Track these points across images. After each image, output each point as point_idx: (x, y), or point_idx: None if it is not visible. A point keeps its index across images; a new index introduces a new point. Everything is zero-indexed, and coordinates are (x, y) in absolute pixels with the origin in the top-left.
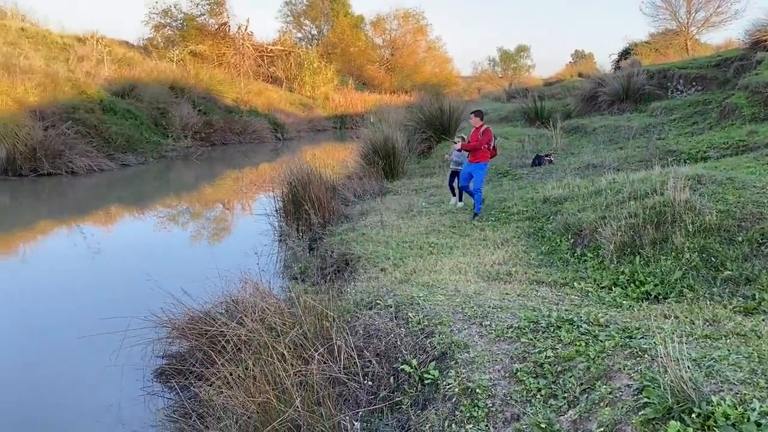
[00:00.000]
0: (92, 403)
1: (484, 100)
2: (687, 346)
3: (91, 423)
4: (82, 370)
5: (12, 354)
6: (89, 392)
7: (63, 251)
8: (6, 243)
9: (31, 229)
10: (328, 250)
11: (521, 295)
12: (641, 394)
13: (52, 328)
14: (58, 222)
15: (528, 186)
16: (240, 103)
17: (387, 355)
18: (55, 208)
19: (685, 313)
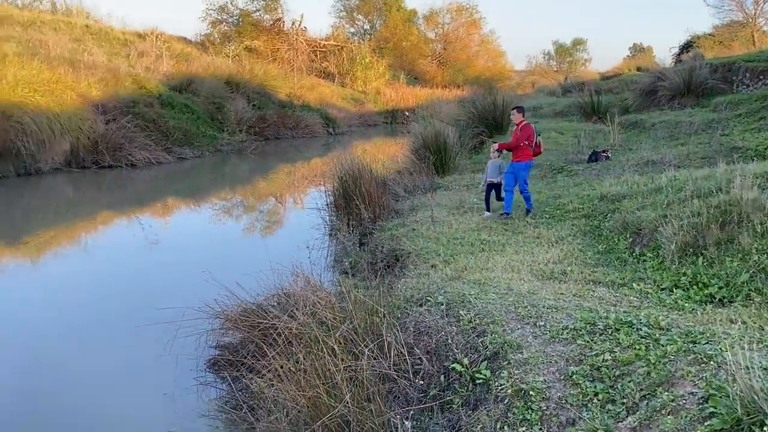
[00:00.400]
0: (147, 391)
1: (538, 95)
2: (757, 353)
3: (146, 411)
4: (138, 359)
5: (71, 342)
6: (145, 380)
7: (122, 242)
8: (69, 234)
9: (92, 220)
10: (378, 245)
11: (577, 296)
12: (707, 403)
13: (110, 317)
14: (118, 213)
15: (584, 182)
16: (293, 98)
17: (437, 353)
18: (116, 200)
19: (753, 318)
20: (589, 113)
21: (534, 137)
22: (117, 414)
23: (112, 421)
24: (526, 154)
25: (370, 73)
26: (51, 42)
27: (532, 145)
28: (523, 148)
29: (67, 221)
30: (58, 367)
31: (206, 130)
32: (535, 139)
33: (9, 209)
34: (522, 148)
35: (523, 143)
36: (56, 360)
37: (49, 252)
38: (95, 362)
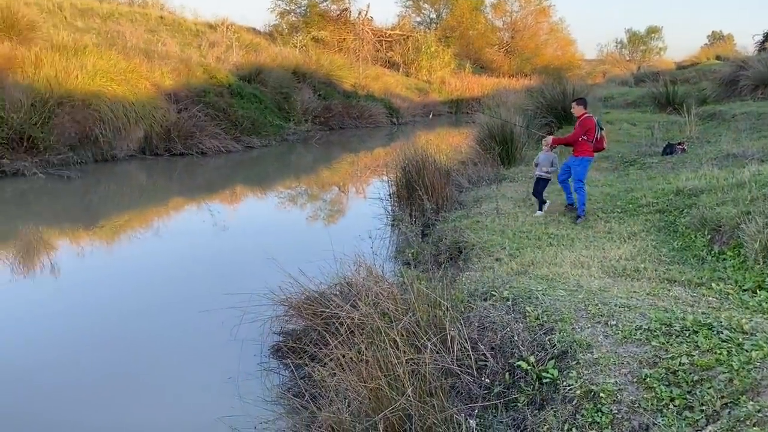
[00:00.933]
0: (212, 374)
1: (609, 84)
2: None
3: (211, 394)
4: (204, 342)
5: (138, 325)
6: (210, 364)
7: (192, 227)
8: (142, 219)
9: (164, 205)
10: (440, 237)
11: (651, 294)
12: None
13: (178, 300)
14: (188, 199)
15: (658, 176)
16: (357, 88)
17: (502, 349)
18: (186, 187)
19: None
20: (663, 104)
21: (596, 131)
22: (182, 395)
23: (176, 401)
24: (584, 149)
25: (435, 62)
26: (127, 33)
27: (593, 140)
28: (581, 143)
29: (141, 207)
30: (130, 346)
31: (273, 119)
32: (597, 133)
33: (87, 194)
34: (581, 143)
35: (581, 138)
36: (130, 338)
37: (123, 236)
38: (163, 344)
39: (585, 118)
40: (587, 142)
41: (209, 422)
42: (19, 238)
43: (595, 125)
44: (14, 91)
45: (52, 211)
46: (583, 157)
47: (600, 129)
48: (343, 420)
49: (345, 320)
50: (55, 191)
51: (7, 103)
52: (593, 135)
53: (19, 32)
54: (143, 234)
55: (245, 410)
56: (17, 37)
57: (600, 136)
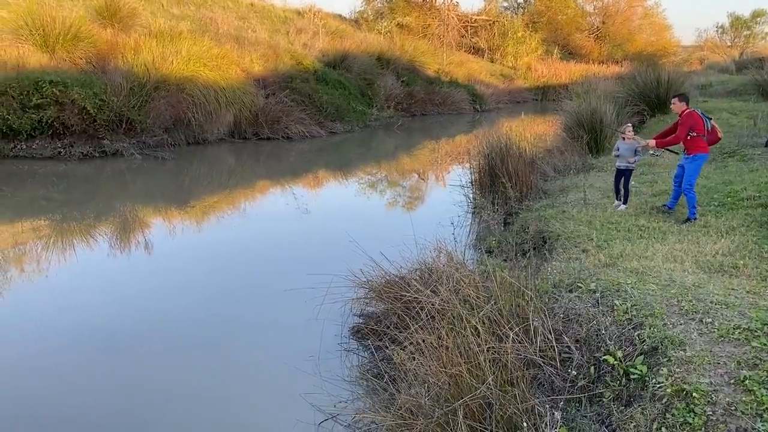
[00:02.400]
0: (295, 352)
1: (708, 72)
2: None
3: (292, 371)
4: (287, 321)
5: (225, 303)
6: (292, 342)
7: (276, 210)
8: (230, 200)
9: (251, 188)
10: (524, 226)
11: (751, 293)
12: None
13: (263, 279)
14: (273, 182)
15: (761, 168)
16: (441, 74)
17: (588, 342)
18: (272, 170)
19: None
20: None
21: (704, 124)
22: (266, 371)
23: (258, 377)
24: (697, 146)
25: (521, 48)
26: (219, 20)
27: (704, 134)
28: (693, 140)
29: (230, 188)
30: (218, 321)
31: (356, 105)
32: (706, 125)
33: (180, 175)
34: (692, 140)
35: (690, 135)
36: (219, 313)
37: (212, 216)
38: (248, 320)
39: (687, 114)
40: (699, 137)
41: (291, 398)
42: (117, 215)
43: (701, 119)
44: (115, 76)
45: (147, 190)
46: (696, 154)
47: (708, 120)
48: (423, 404)
49: (425, 305)
50: (150, 171)
51: (108, 87)
52: (702, 129)
53: (120, 20)
54: (231, 215)
55: (325, 389)
56: (118, 24)
57: (710, 127)
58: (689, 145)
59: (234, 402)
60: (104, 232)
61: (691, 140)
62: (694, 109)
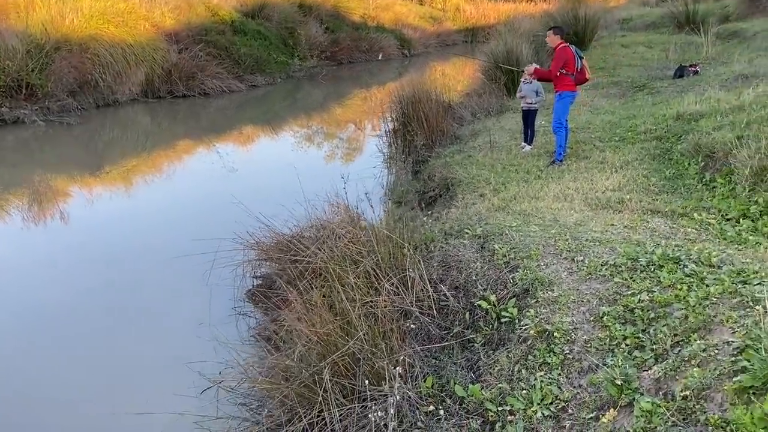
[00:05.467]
0: (185, 320)
1: (630, 5)
2: None
3: (186, 337)
4: (178, 288)
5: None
6: (183, 310)
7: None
8: (150, 163)
9: (171, 149)
10: (431, 174)
11: (628, 227)
12: (740, 356)
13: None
14: (195, 142)
15: (664, 101)
16: (367, 19)
17: (466, 288)
18: (192, 129)
19: None
20: (683, 24)
21: (575, 62)
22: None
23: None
24: (565, 83)
25: None
26: None
27: (573, 72)
28: (561, 77)
29: (147, 150)
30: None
31: (278, 56)
32: (577, 64)
33: (91, 141)
34: (561, 77)
35: (560, 72)
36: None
37: (127, 181)
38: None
39: (561, 48)
40: (567, 75)
41: (177, 367)
42: (18, 184)
43: (573, 55)
44: (9, 38)
45: (55, 157)
46: (563, 91)
47: (580, 58)
48: (290, 366)
49: (308, 264)
50: (55, 138)
51: (1, 50)
52: (573, 67)
53: None
54: (149, 179)
55: (214, 356)
56: None
57: (580, 66)
58: (557, 83)
59: (117, 374)
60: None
61: (560, 77)
62: (568, 45)
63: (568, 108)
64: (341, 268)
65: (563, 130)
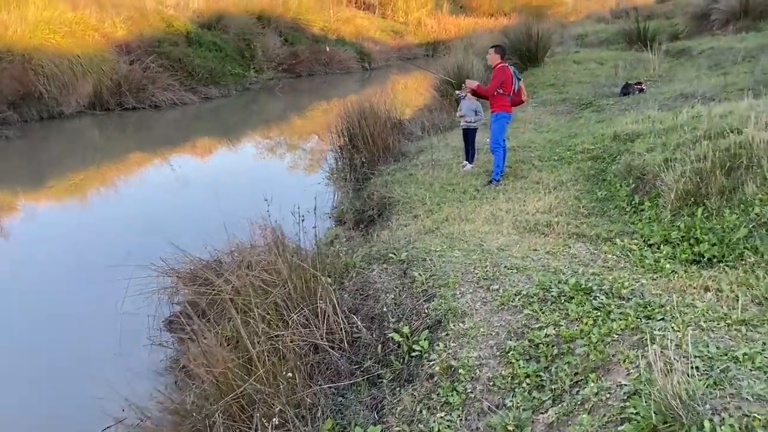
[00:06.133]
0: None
1: (586, 21)
2: (712, 334)
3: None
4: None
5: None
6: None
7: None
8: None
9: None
10: (371, 192)
11: (550, 253)
12: (629, 401)
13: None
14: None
15: (607, 119)
16: (327, 32)
17: (382, 319)
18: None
19: (732, 285)
20: (634, 41)
21: (513, 83)
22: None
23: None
24: (500, 104)
25: (412, 3)
26: None
27: (510, 93)
28: (497, 97)
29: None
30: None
31: (234, 68)
32: (515, 85)
33: (33, 154)
34: (497, 97)
35: (497, 91)
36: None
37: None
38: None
39: (499, 68)
40: (503, 95)
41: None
42: None
43: (511, 76)
44: None
45: None
46: (498, 112)
47: (518, 80)
48: (182, 409)
49: (218, 294)
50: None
51: None
52: (510, 87)
53: None
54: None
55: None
56: None
57: (517, 88)
58: (493, 102)
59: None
60: None
61: (496, 97)
62: (508, 66)
63: (505, 128)
64: (248, 299)
65: (500, 150)
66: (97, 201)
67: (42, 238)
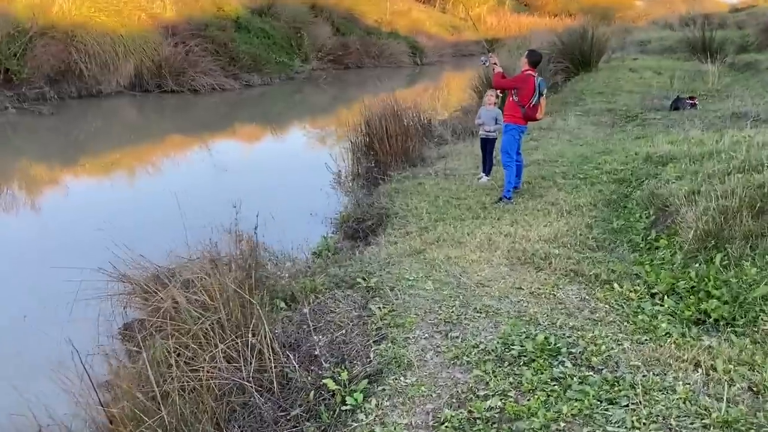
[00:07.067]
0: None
1: (651, 27)
2: None
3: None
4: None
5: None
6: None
7: (180, 171)
8: (106, 159)
9: (156, 144)
10: (374, 201)
11: (534, 294)
12: None
13: None
14: (185, 139)
15: (648, 136)
16: (382, 24)
17: (322, 359)
18: (180, 126)
19: (731, 363)
20: (699, 50)
21: (533, 96)
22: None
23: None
24: (513, 114)
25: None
26: None
27: (526, 105)
28: (512, 105)
29: (125, 144)
30: None
31: (280, 56)
32: (534, 98)
33: (67, 132)
34: (511, 105)
35: (512, 98)
36: None
37: (98, 176)
38: None
39: (524, 76)
40: (518, 105)
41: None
42: None
43: (534, 88)
44: None
45: (22, 148)
46: (509, 123)
47: (539, 95)
48: None
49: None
50: (27, 127)
51: None
52: (527, 99)
53: None
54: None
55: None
56: None
57: (535, 102)
58: (507, 111)
59: None
60: None
61: (512, 105)
62: (535, 76)
63: (517, 142)
64: (179, 324)
65: (512, 165)
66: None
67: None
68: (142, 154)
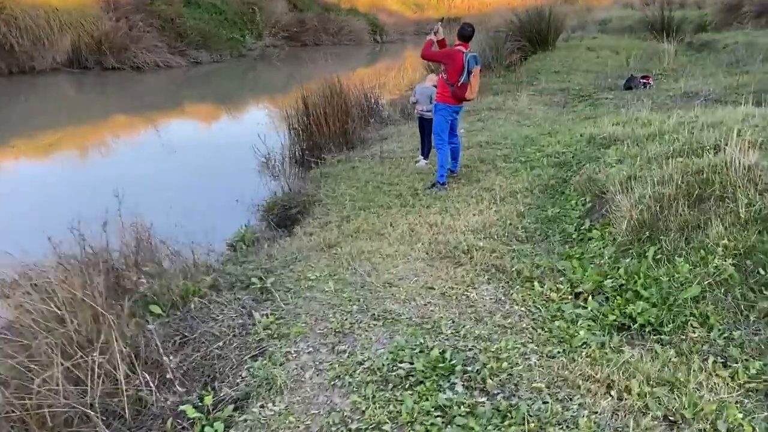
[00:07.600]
0: None
1: (614, 7)
2: None
3: None
4: None
5: None
6: None
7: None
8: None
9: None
10: (302, 186)
11: (446, 296)
12: None
13: None
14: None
15: (597, 116)
16: (341, 0)
17: (192, 378)
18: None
19: (648, 385)
20: (658, 30)
21: (461, 74)
22: None
23: None
24: (442, 93)
25: None
26: None
27: (453, 83)
28: (441, 83)
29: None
30: None
31: (231, 32)
32: (463, 77)
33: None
34: (441, 83)
35: (442, 74)
36: None
37: None
38: None
39: (457, 51)
40: (446, 83)
41: None
42: None
43: (462, 65)
44: None
45: None
46: (439, 102)
47: (468, 73)
48: None
49: None
50: None
51: None
52: (456, 77)
53: None
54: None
55: None
56: None
57: (464, 81)
58: (438, 89)
59: None
60: None
61: (441, 82)
62: (465, 53)
63: (447, 122)
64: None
65: (445, 147)
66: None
67: None
68: (76, 136)
